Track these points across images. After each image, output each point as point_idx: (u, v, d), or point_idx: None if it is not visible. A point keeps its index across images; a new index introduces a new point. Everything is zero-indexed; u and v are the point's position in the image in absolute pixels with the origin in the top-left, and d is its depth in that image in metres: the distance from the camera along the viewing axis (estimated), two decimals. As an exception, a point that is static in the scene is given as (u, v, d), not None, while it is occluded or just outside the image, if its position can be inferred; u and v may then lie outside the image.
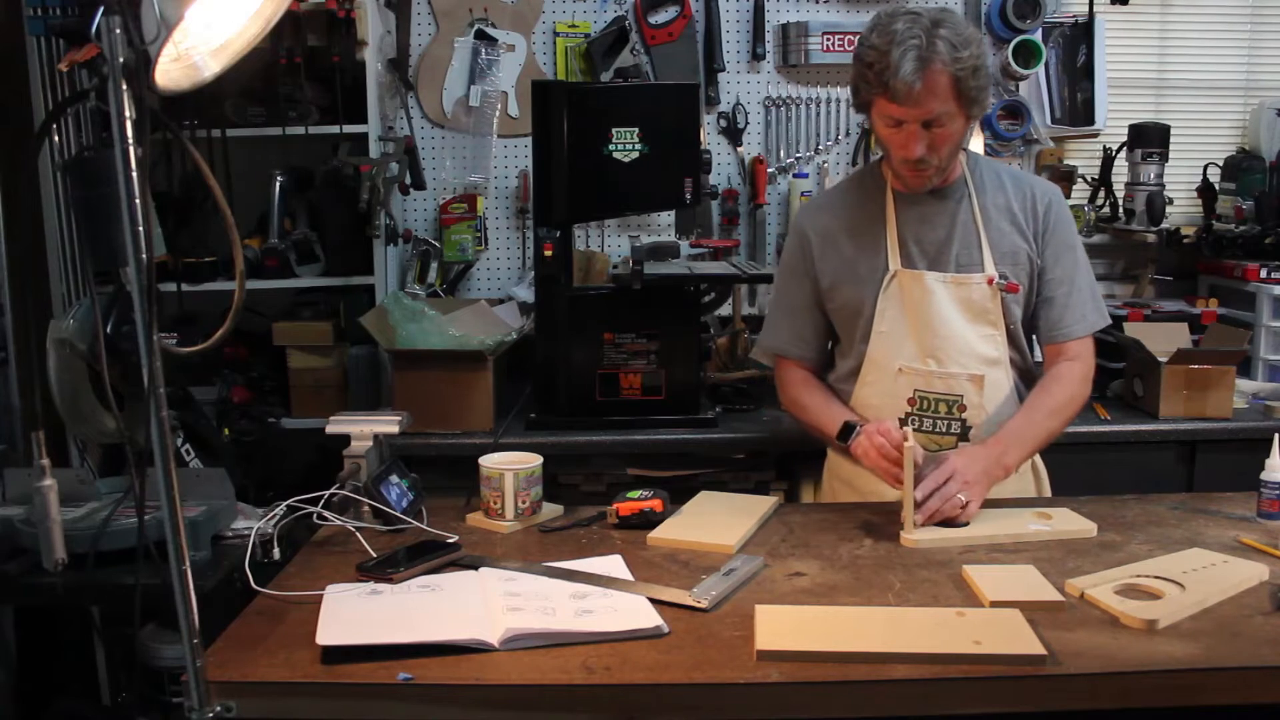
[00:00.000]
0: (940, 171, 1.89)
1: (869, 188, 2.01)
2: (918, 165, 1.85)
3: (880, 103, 1.81)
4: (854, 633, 1.32)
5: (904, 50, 1.74)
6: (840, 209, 2.03)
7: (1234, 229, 3.05)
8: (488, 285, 3.14)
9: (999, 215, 1.95)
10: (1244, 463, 1.92)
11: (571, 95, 2.40)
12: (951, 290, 1.92)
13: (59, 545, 1.56)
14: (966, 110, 1.81)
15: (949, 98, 1.77)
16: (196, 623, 1.19)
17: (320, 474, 1.85)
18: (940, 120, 1.79)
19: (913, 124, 1.80)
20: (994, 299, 1.91)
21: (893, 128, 1.83)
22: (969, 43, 1.77)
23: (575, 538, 1.74)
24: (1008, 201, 1.96)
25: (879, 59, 1.76)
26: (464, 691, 1.24)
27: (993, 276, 1.91)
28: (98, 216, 1.37)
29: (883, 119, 1.83)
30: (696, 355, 2.56)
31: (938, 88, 1.76)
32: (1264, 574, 1.51)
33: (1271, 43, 3.30)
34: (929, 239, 1.94)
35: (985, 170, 2.00)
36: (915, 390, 1.93)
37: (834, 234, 2.00)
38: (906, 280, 1.92)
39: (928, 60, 1.74)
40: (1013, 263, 1.94)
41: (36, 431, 1.50)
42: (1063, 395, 1.92)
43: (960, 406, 1.91)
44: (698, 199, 2.62)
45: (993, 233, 1.94)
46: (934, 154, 1.83)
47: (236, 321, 1.37)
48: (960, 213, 1.95)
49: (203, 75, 1.29)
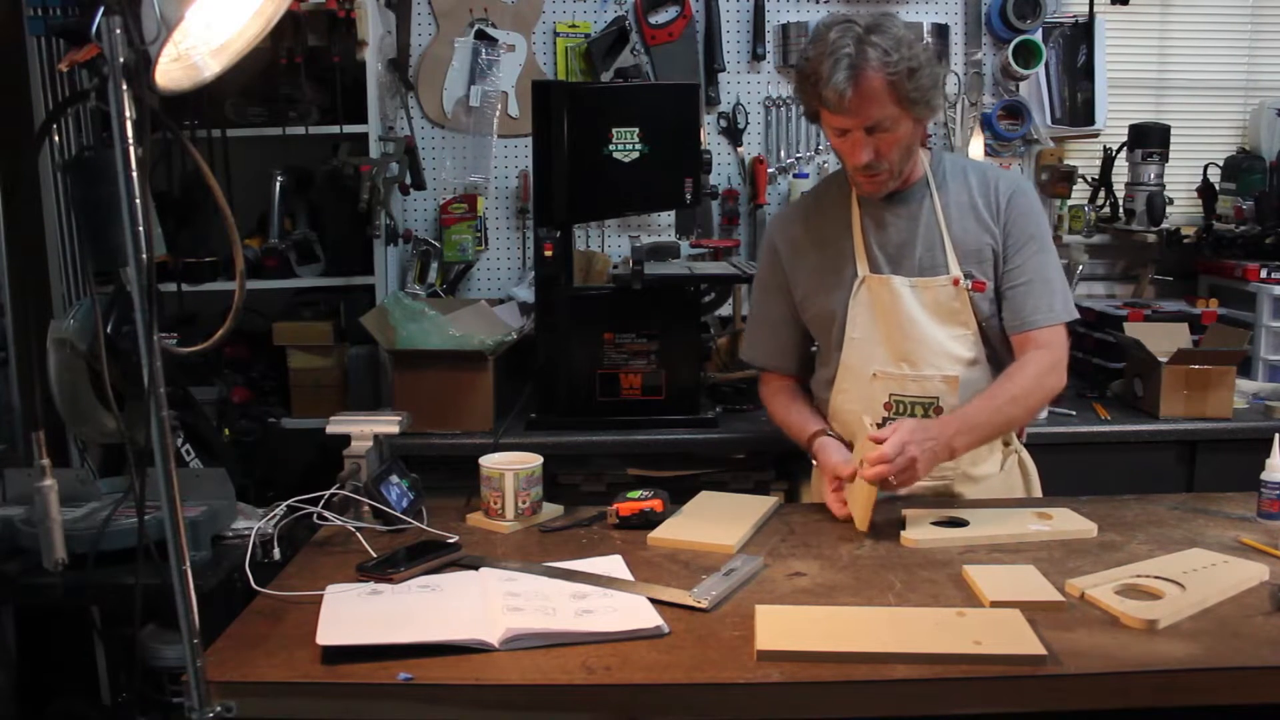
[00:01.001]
0: (895, 176, 1.88)
1: (834, 195, 2.02)
2: (869, 171, 1.85)
3: (823, 113, 1.83)
4: (854, 633, 1.32)
5: (835, 60, 1.74)
6: (807, 219, 2.04)
7: (1234, 229, 3.05)
8: (488, 285, 3.14)
9: (962, 213, 1.93)
10: (1244, 463, 1.92)
11: (571, 95, 2.40)
12: (919, 293, 1.91)
13: (59, 545, 1.56)
14: (911, 111, 1.81)
15: (887, 102, 1.77)
16: (196, 623, 1.19)
17: (320, 474, 1.85)
18: (883, 125, 1.80)
19: (856, 131, 1.81)
20: (961, 299, 1.91)
21: (840, 137, 1.85)
22: (902, 44, 1.76)
23: (575, 538, 1.74)
24: (971, 198, 1.94)
25: (813, 71, 1.78)
26: (464, 691, 1.24)
27: (958, 277, 1.90)
28: (98, 216, 1.37)
29: (829, 128, 1.86)
30: (696, 355, 2.57)
31: (873, 94, 1.76)
32: (1264, 574, 1.51)
33: (1271, 43, 3.30)
34: (891, 243, 1.94)
35: (950, 168, 1.98)
36: (890, 395, 1.93)
37: (802, 245, 2.01)
38: (875, 285, 1.92)
39: (858, 68, 1.74)
40: (978, 260, 1.92)
41: (36, 431, 1.50)
42: (1025, 383, 1.87)
43: (936, 409, 1.90)
44: (698, 199, 2.62)
45: (956, 231, 1.92)
46: (882, 159, 1.83)
47: (236, 321, 1.37)
48: (922, 214, 1.93)
49: (203, 75, 1.29)
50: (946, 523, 1.74)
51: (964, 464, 1.93)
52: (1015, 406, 1.87)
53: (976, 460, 1.95)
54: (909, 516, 1.75)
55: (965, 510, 1.79)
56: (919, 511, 1.78)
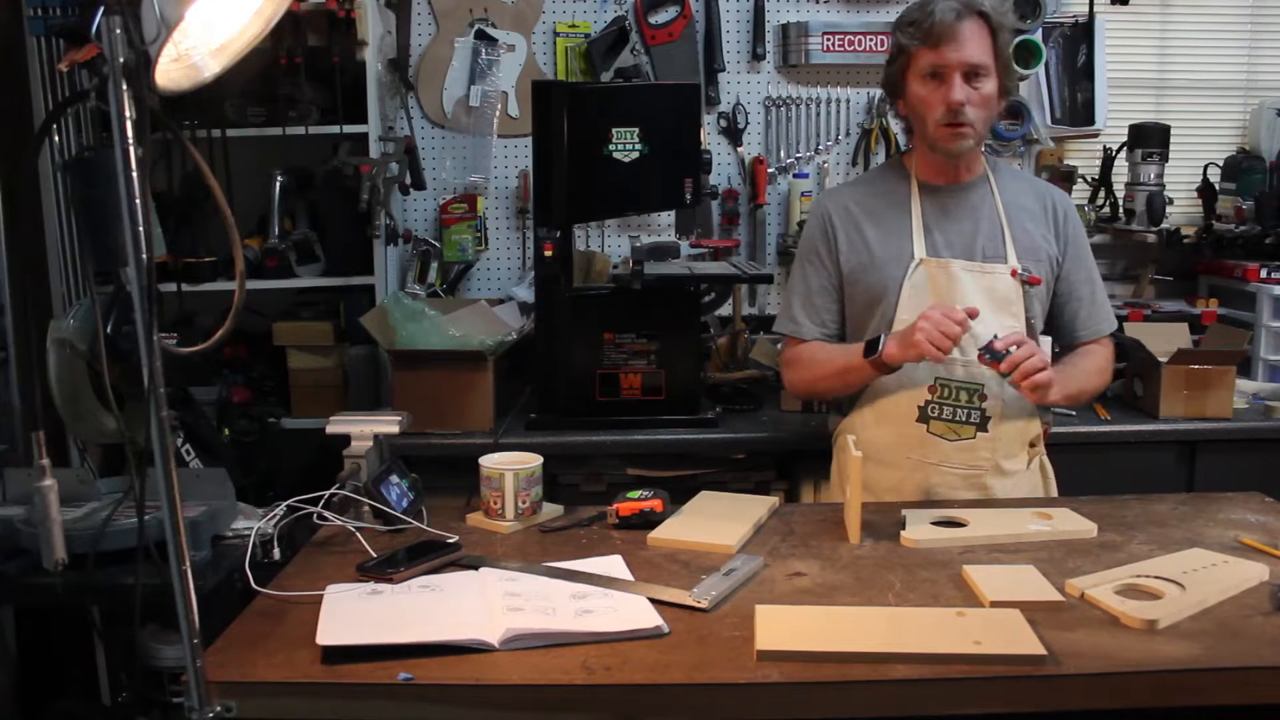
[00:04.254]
0: (975, 137, 1.93)
1: (892, 179, 2.04)
2: (956, 119, 1.88)
3: (920, 54, 1.89)
4: (854, 633, 1.32)
5: (947, 2, 1.86)
6: (863, 196, 2.05)
7: (1234, 229, 3.05)
8: (488, 285, 3.14)
9: (1021, 213, 2.00)
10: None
11: (571, 95, 2.40)
12: (977, 279, 1.94)
13: (59, 545, 1.56)
14: (1001, 71, 1.89)
15: (988, 49, 1.87)
16: (196, 623, 1.19)
17: (320, 474, 1.85)
18: (978, 72, 1.87)
19: (952, 70, 1.86)
20: (1016, 290, 1.94)
21: (933, 81, 1.89)
22: (1004, 6, 1.90)
23: (575, 538, 1.74)
24: (1028, 202, 2.02)
25: (921, 14, 1.87)
26: (464, 691, 1.24)
27: (1016, 268, 1.94)
28: (97, 216, 1.37)
29: (922, 75, 1.90)
30: (696, 355, 2.57)
31: (978, 33, 1.86)
32: (1264, 574, 1.51)
33: (1271, 43, 3.30)
34: (954, 229, 1.97)
35: (1005, 171, 2.08)
36: (936, 378, 1.93)
37: (857, 218, 2.02)
38: (932, 268, 1.94)
39: (969, 6, 1.86)
40: (1034, 259, 1.98)
41: (36, 431, 1.50)
42: (1101, 363, 2.03)
43: (981, 395, 1.92)
44: (698, 199, 2.62)
45: (1016, 228, 1.98)
46: (974, 110, 1.89)
47: (236, 321, 1.37)
48: (984, 206, 1.99)
49: (203, 75, 1.29)
50: (946, 523, 1.74)
51: (999, 456, 1.95)
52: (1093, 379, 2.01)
53: (1010, 454, 1.97)
54: (909, 516, 1.75)
55: (965, 510, 1.79)
56: (919, 511, 1.78)
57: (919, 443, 1.95)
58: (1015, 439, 1.97)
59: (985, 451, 1.94)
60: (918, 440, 1.95)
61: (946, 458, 1.94)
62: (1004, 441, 1.95)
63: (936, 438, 1.94)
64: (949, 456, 1.94)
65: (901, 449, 1.96)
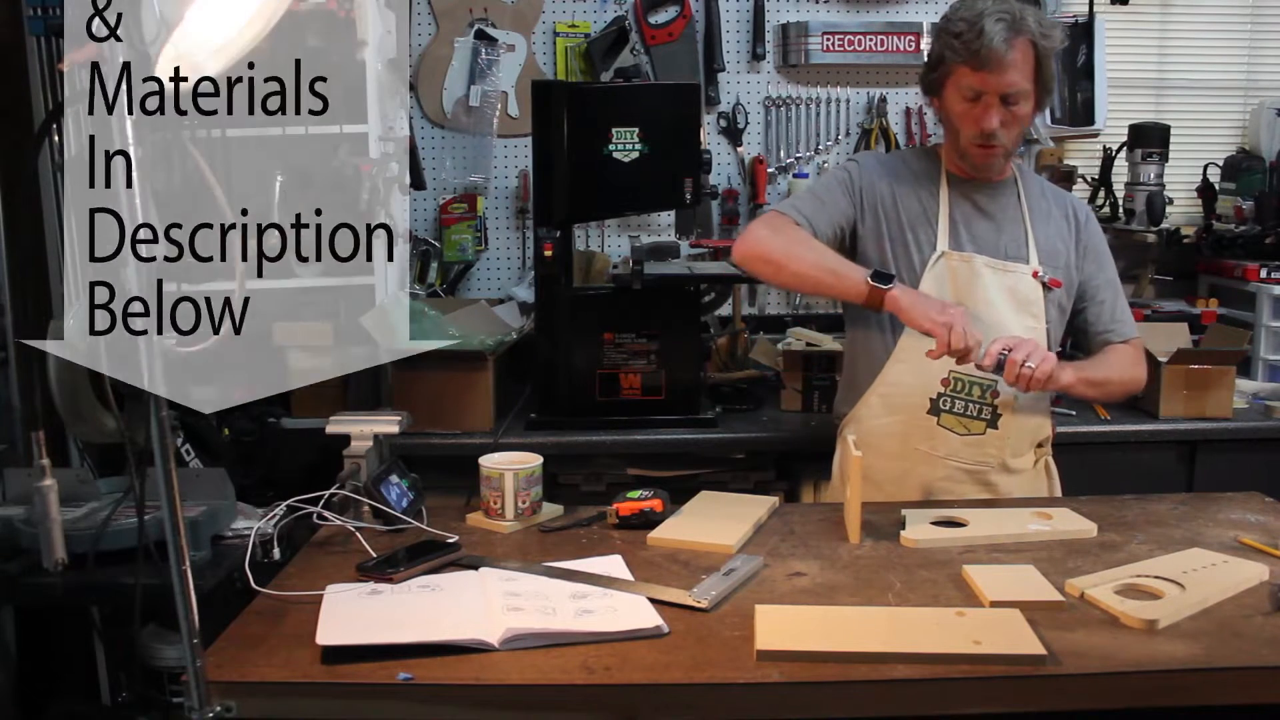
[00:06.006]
0: (1007, 155, 1.94)
1: (926, 166, 2.04)
2: (988, 141, 1.89)
3: (962, 72, 1.87)
4: (854, 633, 1.32)
5: (996, 19, 1.82)
6: (898, 173, 2.04)
7: (1234, 229, 3.05)
8: (488, 285, 3.14)
9: (1044, 217, 2.01)
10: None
11: (571, 95, 2.40)
12: (1000, 277, 1.94)
13: (59, 545, 1.56)
14: (1040, 93, 1.89)
15: (1029, 75, 1.86)
16: (196, 623, 1.19)
17: (320, 474, 1.85)
18: (1016, 98, 1.86)
19: (992, 96, 1.85)
20: (1036, 291, 1.95)
21: (970, 100, 1.88)
22: (1054, 27, 1.87)
23: (575, 538, 1.73)
24: (1050, 207, 2.03)
25: (969, 29, 1.83)
26: (464, 691, 1.24)
27: (1037, 269, 1.95)
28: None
29: (960, 92, 1.89)
30: (696, 355, 2.56)
31: (1023, 60, 1.84)
32: (1264, 574, 1.51)
33: (1271, 43, 3.30)
34: (979, 226, 1.98)
35: (1029, 176, 2.09)
36: (951, 371, 1.93)
37: (883, 191, 2.00)
38: (955, 262, 1.95)
39: (1018, 31, 1.82)
40: (1054, 264, 1.98)
41: (36, 431, 1.50)
42: (1127, 359, 2.00)
43: (993, 393, 1.92)
44: (698, 199, 2.62)
45: (1039, 232, 1.98)
46: (1006, 131, 1.88)
47: (236, 321, 1.37)
48: (1010, 207, 2.00)
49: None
50: (946, 523, 1.74)
51: (1006, 454, 1.95)
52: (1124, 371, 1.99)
53: (1018, 452, 1.97)
54: (909, 516, 1.75)
55: (965, 510, 1.79)
56: (919, 511, 1.78)
57: (928, 435, 1.95)
58: (1024, 438, 1.97)
59: (993, 448, 1.94)
60: (927, 432, 1.95)
61: (954, 452, 1.94)
62: (1013, 439, 1.95)
63: (946, 431, 1.94)
64: (957, 450, 1.94)
65: (910, 440, 1.96)
